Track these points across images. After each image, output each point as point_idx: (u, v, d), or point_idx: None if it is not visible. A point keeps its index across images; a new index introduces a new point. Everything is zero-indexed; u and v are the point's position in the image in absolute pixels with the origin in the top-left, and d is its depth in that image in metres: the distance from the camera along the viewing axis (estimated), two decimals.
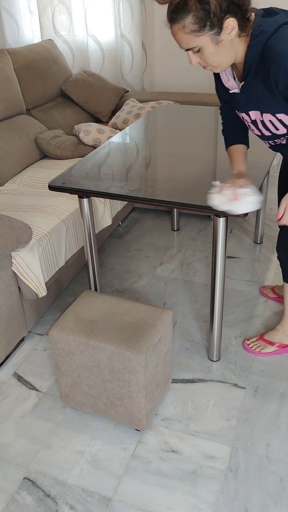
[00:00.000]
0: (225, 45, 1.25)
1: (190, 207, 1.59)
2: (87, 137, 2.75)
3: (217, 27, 1.20)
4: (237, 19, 1.21)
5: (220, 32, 1.22)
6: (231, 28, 1.21)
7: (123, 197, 1.69)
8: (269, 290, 2.36)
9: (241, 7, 1.20)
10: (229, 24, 1.20)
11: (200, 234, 2.93)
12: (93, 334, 1.56)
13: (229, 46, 1.26)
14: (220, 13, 1.17)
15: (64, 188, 1.78)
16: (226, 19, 1.19)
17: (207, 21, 1.19)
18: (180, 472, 1.57)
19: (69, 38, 3.60)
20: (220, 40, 1.23)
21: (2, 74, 2.64)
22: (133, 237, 2.93)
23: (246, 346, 2.02)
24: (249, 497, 1.48)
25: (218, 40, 1.23)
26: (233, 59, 1.31)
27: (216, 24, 1.20)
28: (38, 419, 1.77)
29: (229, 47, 1.26)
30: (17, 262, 1.89)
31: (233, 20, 1.20)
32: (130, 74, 3.69)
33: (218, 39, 1.23)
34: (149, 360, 1.54)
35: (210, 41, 1.23)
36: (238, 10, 1.20)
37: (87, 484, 1.54)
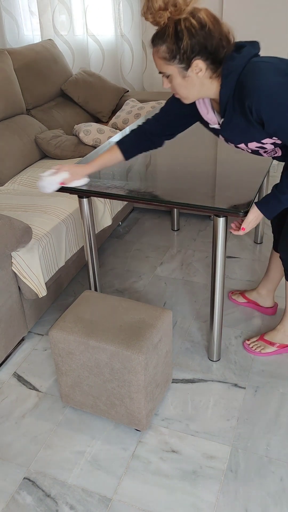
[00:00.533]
0: (192, 81, 1.33)
1: (190, 207, 1.59)
2: (87, 137, 2.75)
3: (185, 64, 1.29)
4: (208, 63, 1.29)
5: (187, 69, 1.30)
6: (198, 69, 1.30)
7: (123, 197, 1.69)
8: (238, 295, 2.31)
9: (213, 54, 1.27)
10: (197, 65, 1.29)
11: (200, 234, 2.93)
12: (93, 334, 1.56)
13: (197, 83, 1.34)
14: (190, 53, 1.26)
15: (64, 188, 1.78)
16: (194, 60, 1.28)
17: (176, 55, 1.28)
18: (180, 472, 1.57)
19: (69, 38, 3.61)
20: (187, 75, 1.32)
21: (2, 74, 2.64)
22: (133, 237, 2.93)
23: (246, 346, 2.02)
24: (249, 497, 1.48)
25: (185, 75, 1.32)
26: (201, 95, 1.39)
27: (185, 61, 1.28)
28: (38, 419, 1.77)
29: (198, 84, 1.35)
30: (17, 262, 1.89)
31: (201, 63, 1.28)
32: (130, 74, 3.69)
33: (185, 74, 1.32)
34: (149, 360, 1.54)
35: (178, 73, 1.32)
36: (209, 55, 1.28)
37: (87, 484, 1.54)
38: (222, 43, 1.27)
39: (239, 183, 1.71)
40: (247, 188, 1.67)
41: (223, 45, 1.28)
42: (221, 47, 1.28)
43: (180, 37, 1.25)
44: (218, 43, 1.27)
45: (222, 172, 1.81)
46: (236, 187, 1.68)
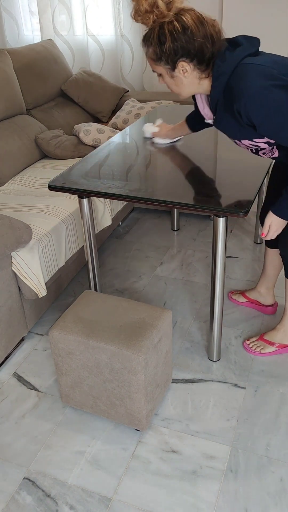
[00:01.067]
0: (181, 81, 1.38)
1: (190, 207, 1.59)
2: (87, 137, 2.75)
3: (171, 65, 1.34)
4: (194, 64, 1.33)
5: (174, 69, 1.35)
6: (184, 70, 1.34)
7: (123, 197, 1.69)
8: (238, 295, 2.31)
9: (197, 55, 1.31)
10: (183, 66, 1.33)
11: (200, 234, 2.93)
12: (93, 334, 1.56)
13: (186, 83, 1.39)
14: (173, 56, 1.31)
15: (64, 188, 1.78)
16: (179, 62, 1.32)
17: (162, 57, 1.33)
18: (180, 472, 1.57)
19: (69, 38, 3.60)
20: (175, 75, 1.37)
21: (2, 74, 2.64)
22: (133, 237, 2.93)
23: (246, 346, 2.01)
24: (249, 497, 1.48)
25: (173, 75, 1.37)
26: (193, 92, 1.44)
27: (170, 63, 1.34)
28: (38, 419, 1.77)
29: (187, 83, 1.39)
30: (17, 262, 1.89)
31: (186, 64, 1.33)
32: (130, 74, 3.69)
33: (172, 74, 1.37)
34: (149, 360, 1.54)
35: (166, 73, 1.38)
36: (194, 57, 1.31)
37: (87, 484, 1.54)
38: (206, 44, 1.30)
39: (239, 183, 1.71)
40: (247, 188, 1.67)
41: (207, 46, 1.30)
42: (205, 48, 1.30)
43: (162, 41, 1.29)
44: (201, 45, 1.29)
45: (222, 172, 1.81)
46: (236, 187, 1.68)
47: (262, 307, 2.23)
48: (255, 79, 1.28)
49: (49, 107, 3.08)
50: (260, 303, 2.23)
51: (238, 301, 2.30)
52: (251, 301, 2.25)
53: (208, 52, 1.31)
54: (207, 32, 1.30)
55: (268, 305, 2.22)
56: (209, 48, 1.31)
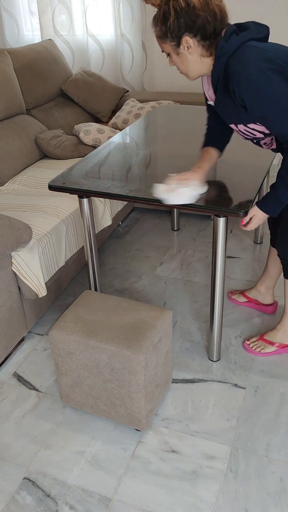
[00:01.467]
0: (186, 58, 1.42)
1: (190, 207, 1.59)
2: (87, 137, 2.75)
3: (176, 41, 1.38)
4: (197, 40, 1.36)
5: (179, 46, 1.39)
6: (188, 45, 1.38)
7: (123, 197, 1.69)
8: (238, 294, 2.31)
9: (200, 30, 1.35)
10: (186, 41, 1.37)
11: (200, 234, 2.93)
12: (93, 334, 1.56)
13: (191, 60, 1.42)
14: (177, 31, 1.36)
15: (64, 188, 1.78)
16: (183, 37, 1.36)
17: (167, 33, 1.38)
18: (180, 472, 1.57)
19: (69, 38, 3.60)
20: (180, 52, 1.41)
21: (2, 74, 2.64)
22: (133, 237, 2.93)
23: (246, 346, 2.02)
24: (249, 497, 1.48)
25: (178, 52, 1.41)
26: (198, 71, 1.46)
27: (174, 38, 1.38)
28: (38, 419, 1.77)
29: (192, 61, 1.42)
30: (17, 262, 1.89)
31: (190, 39, 1.36)
32: (130, 74, 3.69)
33: (178, 51, 1.41)
34: (149, 360, 1.54)
35: (173, 50, 1.42)
36: (197, 32, 1.35)
37: (87, 484, 1.54)
38: (208, 19, 1.33)
39: (239, 183, 1.71)
40: (247, 188, 1.67)
41: (209, 21, 1.34)
42: (207, 23, 1.34)
43: (167, 17, 1.35)
44: (203, 19, 1.33)
45: (222, 172, 1.81)
46: (236, 187, 1.68)
47: (261, 306, 2.23)
48: (253, 61, 1.30)
49: (49, 107, 3.08)
50: (259, 302, 2.24)
51: (238, 301, 2.30)
52: (251, 300, 2.26)
53: (211, 28, 1.34)
54: (211, 8, 1.33)
55: (267, 304, 2.22)
56: (212, 23, 1.33)
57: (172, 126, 2.39)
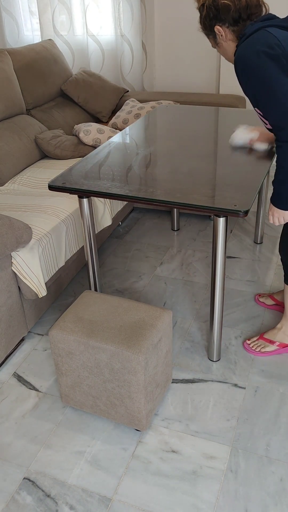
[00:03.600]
0: (223, 46, 1.57)
1: (190, 207, 1.59)
2: (87, 137, 2.75)
3: (212, 33, 1.56)
4: (226, 26, 1.51)
5: (215, 37, 1.56)
6: (220, 33, 1.53)
7: (123, 197, 1.69)
8: (266, 297, 2.28)
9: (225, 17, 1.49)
10: (218, 30, 1.53)
11: (200, 234, 2.93)
12: (93, 334, 1.56)
13: (227, 47, 1.56)
14: (209, 24, 1.54)
15: (64, 188, 1.78)
16: (215, 26, 1.53)
17: (205, 28, 1.57)
18: (180, 472, 1.57)
19: (69, 38, 3.60)
20: (218, 42, 1.57)
21: (2, 74, 2.64)
22: (133, 237, 2.93)
23: (247, 346, 2.01)
24: (249, 497, 1.48)
25: (217, 42, 1.58)
26: None
27: (209, 30, 1.56)
28: (38, 419, 1.77)
29: (229, 48, 1.56)
30: (17, 262, 1.89)
31: (220, 28, 1.52)
32: (130, 74, 3.69)
33: (217, 41, 1.58)
34: (149, 360, 1.54)
35: (214, 43, 1.60)
36: (224, 19, 1.50)
37: (87, 484, 1.54)
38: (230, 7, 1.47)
39: (239, 183, 1.71)
40: (247, 188, 1.67)
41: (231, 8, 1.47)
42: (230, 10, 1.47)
43: (201, 14, 1.55)
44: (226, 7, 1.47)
45: (222, 172, 1.81)
46: (236, 187, 1.68)
47: None
48: (255, 44, 1.39)
49: (49, 107, 3.08)
50: None
51: (265, 304, 2.26)
52: (279, 303, 2.22)
53: (235, 14, 1.47)
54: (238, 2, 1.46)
55: None
56: (235, 10, 1.46)
57: (172, 126, 2.39)
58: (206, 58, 3.56)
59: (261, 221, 2.71)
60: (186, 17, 3.50)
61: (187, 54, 3.59)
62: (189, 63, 3.61)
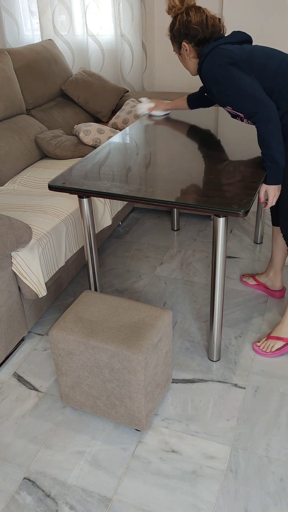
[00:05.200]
0: (185, 59, 1.84)
1: (190, 207, 1.59)
2: (87, 137, 2.75)
3: (178, 45, 1.82)
4: (191, 45, 1.78)
5: (180, 48, 1.82)
6: (185, 49, 1.80)
7: (123, 197, 1.69)
8: (249, 277, 2.42)
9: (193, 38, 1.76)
10: (184, 46, 1.79)
11: (200, 234, 2.93)
12: (93, 334, 1.56)
13: (189, 60, 1.84)
14: (178, 38, 1.79)
15: (64, 188, 1.78)
16: (182, 42, 1.79)
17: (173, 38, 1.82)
18: (180, 472, 1.57)
19: (69, 38, 3.60)
20: (181, 53, 1.84)
21: (2, 74, 2.64)
22: (133, 237, 2.93)
23: (257, 349, 2.00)
24: (249, 497, 1.48)
25: (181, 53, 1.84)
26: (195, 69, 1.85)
27: (177, 43, 1.81)
28: (38, 419, 1.77)
29: (190, 61, 1.84)
30: (17, 262, 1.89)
31: (186, 45, 1.78)
32: (130, 74, 3.68)
33: (180, 52, 1.84)
34: (149, 360, 1.54)
35: (178, 51, 1.85)
36: (192, 39, 1.76)
37: (87, 484, 1.54)
38: (199, 30, 1.74)
39: (239, 183, 1.71)
40: (247, 188, 1.67)
41: (200, 32, 1.74)
42: (198, 33, 1.74)
43: (173, 26, 1.79)
44: (195, 30, 1.74)
45: (222, 172, 1.81)
46: (236, 187, 1.68)
47: (270, 291, 2.32)
48: (216, 60, 1.67)
49: (49, 107, 3.08)
50: (267, 287, 2.33)
51: (248, 283, 2.40)
52: (260, 284, 2.35)
53: (200, 36, 1.75)
54: (205, 23, 1.74)
55: (276, 290, 2.30)
56: (201, 33, 1.74)
57: (172, 126, 2.39)
58: None
59: (261, 221, 2.71)
60: None
61: None
62: None
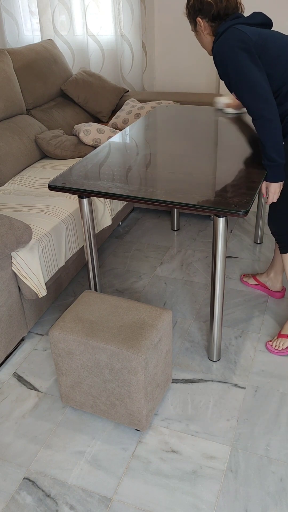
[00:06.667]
0: (201, 36, 1.79)
1: (190, 207, 1.59)
2: (87, 137, 2.75)
3: (193, 22, 1.78)
4: (206, 20, 1.73)
5: (196, 26, 1.78)
6: (200, 25, 1.75)
7: (123, 197, 1.69)
8: (249, 277, 2.42)
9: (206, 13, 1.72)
10: (199, 21, 1.75)
11: (200, 234, 2.93)
12: (93, 334, 1.56)
13: (204, 38, 1.78)
14: (193, 14, 1.76)
15: (64, 188, 1.78)
16: (197, 18, 1.75)
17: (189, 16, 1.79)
18: (180, 472, 1.57)
19: (69, 38, 3.60)
20: (197, 30, 1.79)
21: (2, 74, 2.64)
22: (133, 237, 2.93)
23: (270, 348, 2.01)
24: (249, 497, 1.48)
25: (197, 30, 1.79)
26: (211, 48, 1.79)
27: (192, 20, 1.78)
28: (38, 419, 1.77)
29: (205, 39, 1.78)
30: (17, 262, 1.89)
31: (201, 20, 1.74)
32: (130, 74, 3.69)
33: (196, 29, 1.80)
34: (149, 360, 1.54)
35: (194, 29, 1.80)
36: (206, 14, 1.72)
37: (87, 484, 1.54)
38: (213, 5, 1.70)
39: (239, 183, 1.71)
40: (247, 188, 1.67)
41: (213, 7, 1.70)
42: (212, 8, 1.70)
43: (188, 3, 1.76)
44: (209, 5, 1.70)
45: (222, 172, 1.81)
46: (236, 187, 1.68)
47: (270, 292, 2.33)
48: (228, 40, 1.62)
49: (49, 107, 3.08)
50: (267, 287, 2.34)
51: (248, 283, 2.40)
52: (260, 284, 2.36)
53: (213, 11, 1.70)
54: None
55: (276, 290, 2.31)
56: (215, 8, 1.69)
57: (172, 126, 2.39)
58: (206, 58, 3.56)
59: (261, 221, 2.71)
60: None
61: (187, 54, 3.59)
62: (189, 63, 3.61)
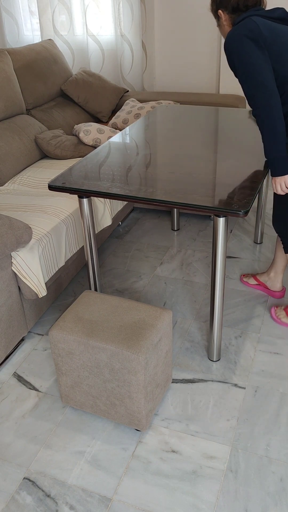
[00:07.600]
0: (223, 28, 1.81)
1: (190, 207, 1.59)
2: (87, 137, 2.75)
3: (216, 15, 1.81)
4: (227, 13, 1.76)
5: (218, 19, 1.81)
6: (221, 17, 1.78)
7: (123, 197, 1.69)
8: (249, 277, 2.43)
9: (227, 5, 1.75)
10: (220, 14, 1.78)
11: (200, 234, 2.93)
12: (93, 334, 1.56)
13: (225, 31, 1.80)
14: (215, 6, 1.79)
15: (64, 188, 1.78)
16: (218, 10, 1.78)
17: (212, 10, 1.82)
18: (180, 472, 1.57)
19: (69, 38, 3.60)
20: (219, 24, 1.82)
21: (2, 74, 2.64)
22: (133, 237, 2.93)
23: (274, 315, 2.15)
24: (249, 497, 1.48)
25: (218, 23, 1.82)
26: None
27: (215, 13, 1.80)
28: (38, 419, 1.77)
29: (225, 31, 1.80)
30: (17, 262, 1.89)
31: (222, 12, 1.77)
32: (130, 74, 3.69)
33: (219, 23, 1.82)
34: (149, 360, 1.54)
35: (218, 23, 1.83)
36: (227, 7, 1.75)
37: (87, 484, 1.54)
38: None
39: (239, 183, 1.71)
40: (247, 188, 1.67)
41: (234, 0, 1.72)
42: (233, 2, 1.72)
43: None
44: None
45: (222, 172, 1.81)
46: (236, 187, 1.68)
47: (270, 291, 2.33)
48: (239, 28, 1.64)
49: (49, 107, 3.08)
50: (267, 287, 2.34)
51: (248, 283, 2.40)
52: (260, 283, 2.36)
53: (234, 4, 1.72)
54: None
55: (275, 290, 2.32)
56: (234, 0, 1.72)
57: (172, 126, 2.39)
58: (206, 58, 3.56)
59: (261, 221, 2.71)
60: (186, 17, 3.50)
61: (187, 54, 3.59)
62: (189, 63, 3.61)
